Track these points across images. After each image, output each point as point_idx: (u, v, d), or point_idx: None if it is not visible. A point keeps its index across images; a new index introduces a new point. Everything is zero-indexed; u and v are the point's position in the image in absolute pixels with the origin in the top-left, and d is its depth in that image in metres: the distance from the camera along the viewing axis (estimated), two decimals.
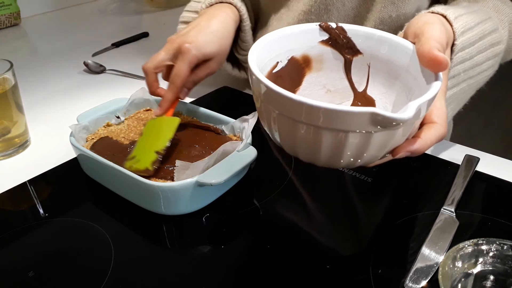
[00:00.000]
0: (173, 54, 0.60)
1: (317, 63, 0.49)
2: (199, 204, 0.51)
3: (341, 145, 0.37)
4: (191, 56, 0.59)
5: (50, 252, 0.48)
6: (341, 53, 0.49)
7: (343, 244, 0.49)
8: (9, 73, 0.61)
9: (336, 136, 0.37)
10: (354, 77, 0.49)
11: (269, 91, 0.38)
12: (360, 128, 0.36)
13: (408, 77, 0.45)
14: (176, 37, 0.61)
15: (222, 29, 0.63)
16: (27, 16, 1.25)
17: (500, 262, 0.40)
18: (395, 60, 0.45)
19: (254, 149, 0.54)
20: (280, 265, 0.45)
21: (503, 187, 0.55)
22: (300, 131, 0.38)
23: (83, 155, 0.55)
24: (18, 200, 0.56)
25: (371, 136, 0.36)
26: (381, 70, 0.47)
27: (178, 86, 0.59)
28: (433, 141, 0.41)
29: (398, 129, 0.37)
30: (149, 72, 0.60)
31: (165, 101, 0.59)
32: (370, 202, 0.54)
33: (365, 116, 0.35)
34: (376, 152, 0.39)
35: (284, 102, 0.37)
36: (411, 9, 0.63)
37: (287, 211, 0.53)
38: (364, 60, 0.48)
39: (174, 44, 0.60)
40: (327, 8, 0.66)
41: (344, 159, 0.39)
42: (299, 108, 0.36)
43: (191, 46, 0.59)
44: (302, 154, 0.41)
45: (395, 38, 0.46)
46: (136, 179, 0.49)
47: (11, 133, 0.64)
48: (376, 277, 0.43)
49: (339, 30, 0.47)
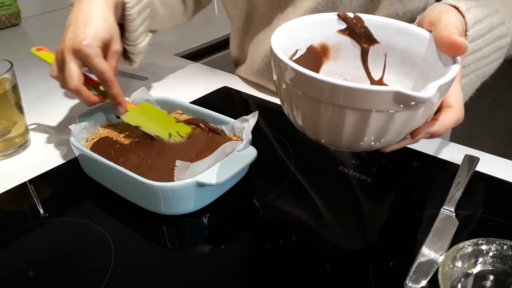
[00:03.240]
0: (79, 60, 0.57)
1: (334, 52, 0.50)
2: (199, 204, 0.51)
3: (364, 125, 0.38)
4: (95, 50, 0.57)
5: (50, 252, 0.48)
6: (358, 42, 0.49)
7: (343, 244, 0.49)
8: (9, 73, 0.61)
9: (360, 115, 0.37)
10: (371, 66, 0.50)
11: (295, 72, 0.38)
12: (384, 107, 0.36)
13: (425, 65, 0.45)
14: (69, 44, 0.57)
15: (100, 13, 0.60)
16: (27, 16, 1.25)
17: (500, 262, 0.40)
18: (412, 48, 0.46)
19: (254, 149, 0.54)
20: (280, 265, 0.45)
21: (503, 187, 0.55)
22: (324, 111, 0.39)
23: (83, 155, 0.55)
24: (18, 200, 0.56)
25: (393, 116, 0.37)
26: (398, 58, 0.48)
27: (114, 77, 0.58)
28: (450, 124, 0.43)
29: (419, 110, 0.38)
30: (81, 88, 0.58)
31: (118, 97, 0.59)
32: (370, 202, 0.54)
33: (389, 94, 0.35)
34: (396, 134, 0.40)
35: (310, 82, 0.38)
36: (418, 6, 0.64)
37: (287, 211, 0.53)
38: (380, 49, 0.49)
39: (70, 52, 0.57)
40: (334, 6, 0.66)
41: (365, 140, 0.40)
42: (323, 87, 0.37)
43: (88, 42, 0.57)
44: (324, 137, 0.42)
45: (412, 27, 0.47)
46: (136, 179, 0.49)
47: (11, 133, 0.64)
48: (376, 277, 0.43)
49: (357, 20, 0.48)
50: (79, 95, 0.58)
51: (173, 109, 0.65)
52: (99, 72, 0.58)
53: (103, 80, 0.58)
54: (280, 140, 0.64)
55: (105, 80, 0.58)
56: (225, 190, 0.54)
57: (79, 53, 0.57)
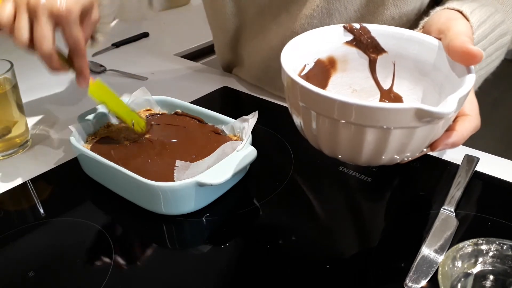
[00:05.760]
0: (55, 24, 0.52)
1: (342, 63, 0.50)
2: (199, 204, 0.51)
3: (384, 143, 0.38)
4: (76, 17, 0.52)
5: (50, 252, 0.48)
6: (366, 52, 0.49)
7: (343, 244, 0.49)
8: (9, 73, 0.61)
9: (380, 133, 0.37)
10: (380, 75, 0.50)
11: (313, 95, 0.38)
12: (405, 124, 0.37)
13: (436, 73, 0.45)
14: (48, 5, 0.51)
15: None
16: None
17: (500, 262, 0.40)
18: (421, 56, 0.46)
19: (254, 149, 0.54)
20: (280, 265, 0.46)
21: (503, 187, 0.55)
22: (344, 131, 0.39)
23: (83, 155, 0.55)
24: (18, 200, 0.56)
25: (414, 131, 0.37)
26: (407, 67, 0.48)
27: (84, 48, 0.55)
28: (468, 133, 0.43)
29: (439, 123, 0.38)
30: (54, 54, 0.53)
31: (85, 68, 0.56)
32: (370, 202, 0.54)
33: (411, 112, 0.36)
34: (416, 147, 0.40)
35: (328, 104, 0.38)
36: (413, 8, 0.63)
37: (287, 211, 0.53)
38: (389, 58, 0.49)
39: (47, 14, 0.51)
40: (329, 12, 0.66)
41: (386, 156, 0.40)
42: (345, 108, 0.37)
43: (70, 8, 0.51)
44: (344, 155, 0.42)
45: (420, 35, 0.47)
46: (136, 179, 0.49)
47: (11, 133, 0.64)
48: (376, 277, 0.43)
49: (363, 30, 0.48)
50: (49, 61, 0.54)
51: (173, 109, 0.65)
52: (74, 40, 0.54)
53: (76, 49, 0.54)
54: (280, 140, 0.64)
55: (78, 49, 0.54)
56: (225, 190, 0.54)
57: (58, 18, 0.51)
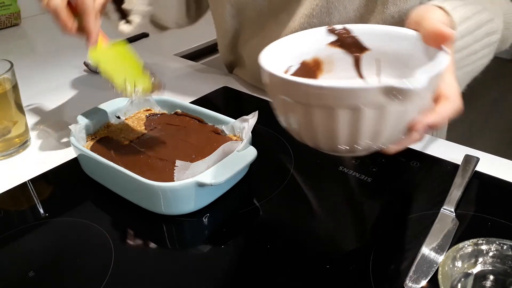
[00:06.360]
0: None
1: (327, 64, 0.50)
2: (199, 204, 0.52)
3: (357, 124, 0.38)
4: None
5: (50, 252, 0.48)
6: (349, 52, 0.50)
7: (343, 244, 0.49)
8: (9, 73, 0.61)
9: (351, 114, 0.38)
10: (365, 73, 0.51)
11: (280, 81, 0.39)
12: (373, 101, 0.37)
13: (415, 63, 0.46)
14: None
15: None
16: (27, 16, 1.25)
17: (500, 262, 0.40)
18: (402, 49, 0.47)
19: (254, 149, 0.54)
20: (280, 265, 0.46)
21: (502, 187, 0.55)
22: (317, 115, 0.39)
23: (83, 155, 0.55)
24: (18, 200, 0.56)
25: (386, 111, 0.37)
26: (390, 61, 0.49)
27: (91, 7, 0.54)
28: (448, 114, 0.42)
29: (412, 103, 0.38)
30: (61, 10, 0.52)
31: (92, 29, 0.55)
32: (370, 202, 0.54)
33: (378, 89, 0.36)
34: (392, 130, 0.40)
35: (297, 88, 0.38)
36: (412, 7, 0.63)
37: (287, 211, 0.53)
38: (372, 55, 0.49)
39: None
40: (329, 11, 0.66)
41: (362, 140, 0.40)
42: (310, 90, 0.37)
43: None
44: (322, 143, 0.42)
45: (398, 29, 0.47)
46: (136, 179, 0.49)
47: (11, 133, 0.64)
48: (376, 277, 0.43)
49: (345, 31, 0.49)
50: (58, 17, 0.54)
51: (173, 109, 0.65)
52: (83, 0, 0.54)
53: (84, 8, 0.54)
54: (280, 140, 0.64)
55: (84, 7, 0.54)
56: (225, 190, 0.54)
57: None
